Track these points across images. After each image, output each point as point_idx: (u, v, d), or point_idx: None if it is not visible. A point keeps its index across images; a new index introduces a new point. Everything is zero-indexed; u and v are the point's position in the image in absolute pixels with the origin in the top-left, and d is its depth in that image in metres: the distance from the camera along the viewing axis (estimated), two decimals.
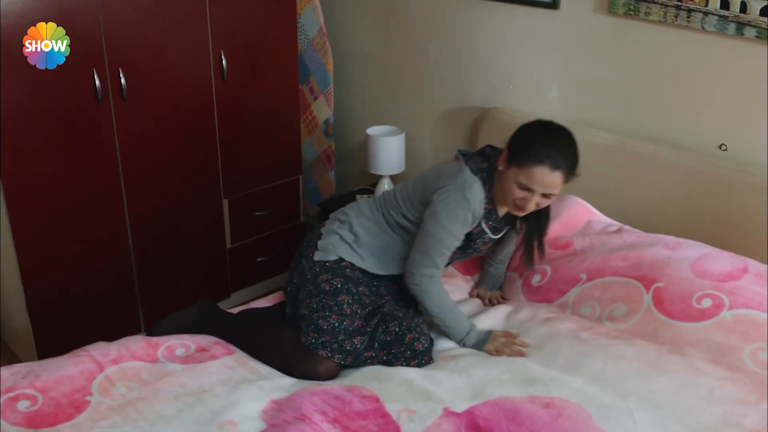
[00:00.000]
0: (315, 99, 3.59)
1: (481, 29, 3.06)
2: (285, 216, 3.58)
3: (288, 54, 3.33)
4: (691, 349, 2.06)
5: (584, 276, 2.37)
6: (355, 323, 2.18)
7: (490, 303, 2.50)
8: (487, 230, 2.28)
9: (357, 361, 2.15)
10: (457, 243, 2.23)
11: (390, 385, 1.98)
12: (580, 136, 2.75)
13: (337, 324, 2.15)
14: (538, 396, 1.92)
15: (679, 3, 2.46)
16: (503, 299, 2.53)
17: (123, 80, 2.78)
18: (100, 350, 2.05)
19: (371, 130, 3.30)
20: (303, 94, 3.58)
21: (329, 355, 2.11)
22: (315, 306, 2.20)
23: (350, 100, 3.74)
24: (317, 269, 2.28)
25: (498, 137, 2.33)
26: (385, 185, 3.33)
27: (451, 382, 2.00)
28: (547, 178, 2.07)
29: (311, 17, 3.42)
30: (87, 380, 1.93)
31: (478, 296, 2.54)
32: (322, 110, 3.60)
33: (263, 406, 1.88)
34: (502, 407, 1.88)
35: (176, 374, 1.98)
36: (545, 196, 2.12)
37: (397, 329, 2.18)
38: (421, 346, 2.15)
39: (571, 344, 2.13)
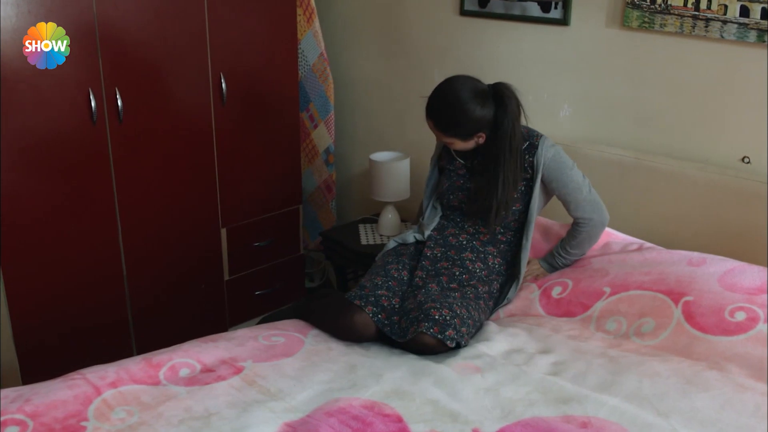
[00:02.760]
0: (315, 127, 3.49)
1: (488, 49, 2.99)
2: (284, 247, 3.44)
3: (288, 80, 3.24)
4: (730, 364, 1.94)
5: (608, 290, 2.26)
6: (404, 288, 2.32)
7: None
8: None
9: (389, 322, 2.20)
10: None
11: (413, 403, 1.83)
12: (595, 154, 2.68)
13: (380, 283, 2.30)
14: (573, 416, 1.78)
15: (696, 12, 2.40)
16: (534, 279, 2.48)
17: (119, 101, 2.68)
18: (96, 373, 1.89)
19: (375, 156, 3.19)
20: (302, 122, 3.48)
21: (362, 304, 2.20)
22: (366, 275, 2.39)
23: (351, 127, 3.65)
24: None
25: None
26: (390, 213, 3.21)
27: (478, 401, 1.86)
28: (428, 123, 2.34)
29: (312, 43, 3.34)
30: (82, 404, 1.77)
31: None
32: (323, 138, 3.49)
33: (276, 429, 1.72)
34: (535, 428, 1.74)
35: (180, 397, 1.82)
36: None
37: (422, 299, 2.22)
38: (437, 314, 2.11)
39: (601, 363, 2.01)
